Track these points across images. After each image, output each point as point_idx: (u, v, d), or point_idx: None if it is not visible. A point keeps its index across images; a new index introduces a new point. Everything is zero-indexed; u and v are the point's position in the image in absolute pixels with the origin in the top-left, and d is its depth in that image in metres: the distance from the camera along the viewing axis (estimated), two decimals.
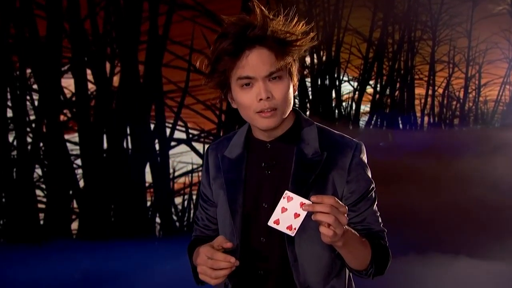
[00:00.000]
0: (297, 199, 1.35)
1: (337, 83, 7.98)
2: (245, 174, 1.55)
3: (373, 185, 1.57)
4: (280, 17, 1.45)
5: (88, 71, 6.16)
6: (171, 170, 6.55)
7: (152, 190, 6.46)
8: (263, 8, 1.43)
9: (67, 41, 6.09)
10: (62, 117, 6.20)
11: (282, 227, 1.35)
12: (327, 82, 7.81)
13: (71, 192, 6.18)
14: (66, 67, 6.15)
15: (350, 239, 1.41)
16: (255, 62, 1.43)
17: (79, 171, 6.23)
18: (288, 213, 1.34)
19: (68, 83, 6.17)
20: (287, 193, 1.35)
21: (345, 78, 8.19)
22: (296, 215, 1.34)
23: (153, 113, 6.43)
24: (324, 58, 7.81)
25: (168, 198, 6.56)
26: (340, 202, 1.34)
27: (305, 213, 1.34)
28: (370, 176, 1.56)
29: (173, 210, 6.57)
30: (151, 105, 6.40)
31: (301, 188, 1.48)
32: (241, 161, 1.57)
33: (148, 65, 6.36)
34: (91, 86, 6.22)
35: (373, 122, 8.26)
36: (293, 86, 1.51)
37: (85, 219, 6.19)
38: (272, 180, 1.53)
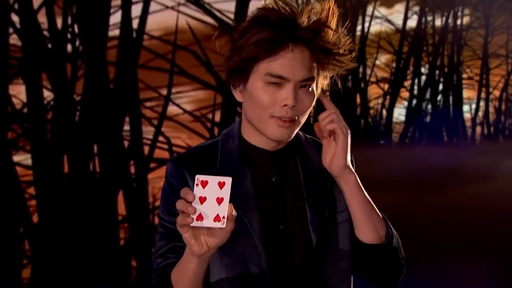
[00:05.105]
0: (214, 180, 1.31)
1: (362, 84, 7.97)
2: (254, 190, 1.55)
3: None
4: (333, 21, 1.50)
5: (44, 75, 6.04)
6: (150, 199, 6.43)
7: (126, 224, 6.36)
8: (334, 8, 1.50)
9: (17, 36, 5.96)
10: (10, 134, 6.07)
11: (208, 222, 1.31)
12: (349, 83, 7.83)
13: (21, 229, 5.99)
14: (15, 70, 6.07)
15: (358, 183, 1.50)
16: (296, 62, 1.48)
17: (32, 202, 6.04)
18: (209, 201, 1.31)
19: (18, 90, 6.08)
20: (199, 177, 1.31)
21: (373, 79, 8.20)
22: (220, 200, 1.31)
23: (127, 127, 6.33)
24: None
25: (147, 234, 6.33)
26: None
27: (228, 194, 1.30)
28: None
29: (152, 250, 6.27)
30: (124, 117, 6.30)
31: (316, 203, 1.54)
32: (244, 174, 1.55)
33: (120, 67, 6.27)
34: (47, 94, 6.08)
35: (409, 134, 8.18)
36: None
37: (40, 264, 5.96)
38: (283, 197, 1.55)
